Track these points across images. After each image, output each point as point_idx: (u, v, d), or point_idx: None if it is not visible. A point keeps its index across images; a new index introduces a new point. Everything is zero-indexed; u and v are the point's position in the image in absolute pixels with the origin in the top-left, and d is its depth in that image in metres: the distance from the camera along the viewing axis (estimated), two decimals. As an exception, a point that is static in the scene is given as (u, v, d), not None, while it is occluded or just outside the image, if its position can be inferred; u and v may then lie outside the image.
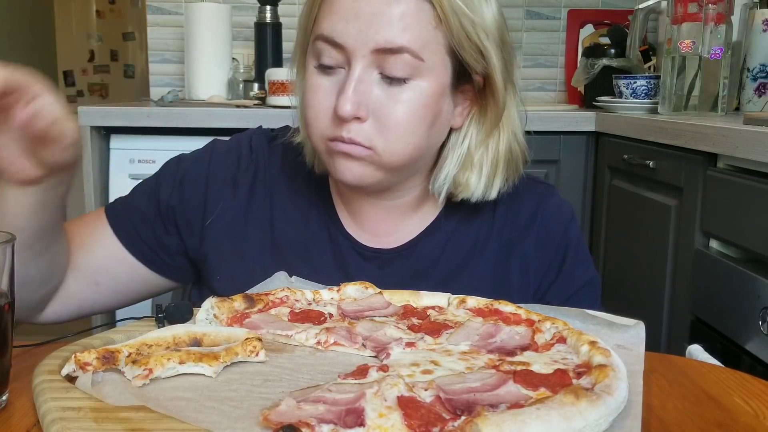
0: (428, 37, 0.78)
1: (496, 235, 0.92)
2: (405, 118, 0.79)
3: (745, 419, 0.57)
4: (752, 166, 1.25)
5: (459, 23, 0.78)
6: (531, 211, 0.93)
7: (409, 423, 0.49)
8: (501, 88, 0.83)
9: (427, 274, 0.90)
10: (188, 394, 0.56)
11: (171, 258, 0.94)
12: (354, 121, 0.78)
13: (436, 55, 0.79)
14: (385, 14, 0.76)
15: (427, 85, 0.79)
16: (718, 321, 1.33)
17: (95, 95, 5.63)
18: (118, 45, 5.61)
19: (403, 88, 0.78)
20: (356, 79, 0.77)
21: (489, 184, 0.88)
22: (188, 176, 0.92)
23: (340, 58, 0.79)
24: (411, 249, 0.91)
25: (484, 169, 0.87)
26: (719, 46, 1.64)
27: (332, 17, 0.78)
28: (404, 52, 0.77)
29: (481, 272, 0.91)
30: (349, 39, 0.77)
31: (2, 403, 0.57)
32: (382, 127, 0.79)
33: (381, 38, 0.76)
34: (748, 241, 1.26)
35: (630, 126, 1.78)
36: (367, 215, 0.91)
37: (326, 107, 0.80)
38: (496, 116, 0.86)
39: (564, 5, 2.56)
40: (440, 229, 0.92)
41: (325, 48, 0.79)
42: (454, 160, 0.87)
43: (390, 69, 0.78)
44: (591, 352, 0.59)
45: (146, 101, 2.35)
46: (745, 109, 1.75)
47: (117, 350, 0.60)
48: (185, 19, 2.33)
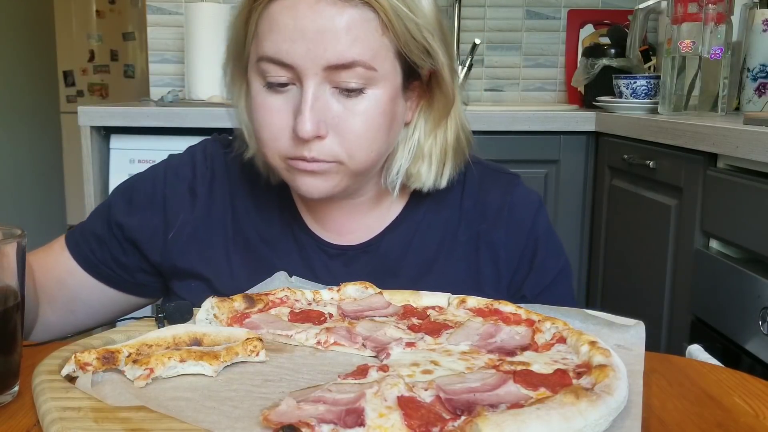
0: (377, 45, 0.77)
1: (464, 227, 0.92)
2: (365, 128, 0.79)
3: (745, 419, 0.57)
4: (752, 166, 1.25)
5: (404, 27, 0.77)
6: (498, 202, 0.93)
7: (409, 423, 0.49)
8: (449, 81, 0.83)
9: (396, 270, 0.90)
10: (188, 394, 0.56)
11: (132, 276, 0.95)
12: (315, 139, 0.77)
13: (387, 61, 0.78)
14: (331, 29, 0.74)
15: (382, 92, 0.79)
16: (718, 321, 1.33)
17: (95, 95, 5.63)
18: (118, 45, 5.61)
19: (359, 99, 0.78)
20: (311, 97, 0.76)
21: (439, 173, 0.88)
22: (142, 196, 0.92)
23: (288, 75, 0.77)
24: (376, 244, 0.91)
25: (434, 159, 0.87)
26: (719, 46, 1.64)
27: (275, 37, 0.76)
28: (356, 66, 0.76)
29: (452, 266, 0.91)
30: (298, 59, 0.75)
31: (13, 394, 0.59)
32: (344, 140, 0.78)
33: (331, 55, 0.75)
34: (748, 241, 1.26)
35: (630, 126, 1.78)
36: (330, 215, 0.91)
37: (282, 127, 0.78)
38: (445, 108, 0.86)
39: (564, 5, 2.56)
40: (404, 223, 0.92)
41: (272, 68, 0.77)
42: (406, 153, 0.87)
43: (344, 83, 0.77)
44: (591, 352, 0.59)
45: (146, 101, 2.35)
46: (745, 109, 1.75)
47: (117, 350, 0.60)
48: (185, 19, 2.33)
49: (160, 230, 0.91)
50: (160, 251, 0.91)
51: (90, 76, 5.64)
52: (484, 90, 2.59)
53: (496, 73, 2.60)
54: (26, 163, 3.96)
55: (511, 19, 2.57)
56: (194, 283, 0.91)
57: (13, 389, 0.59)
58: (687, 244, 1.48)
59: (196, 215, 0.91)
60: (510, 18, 2.57)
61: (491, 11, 2.56)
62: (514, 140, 2.00)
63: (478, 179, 0.94)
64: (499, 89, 2.60)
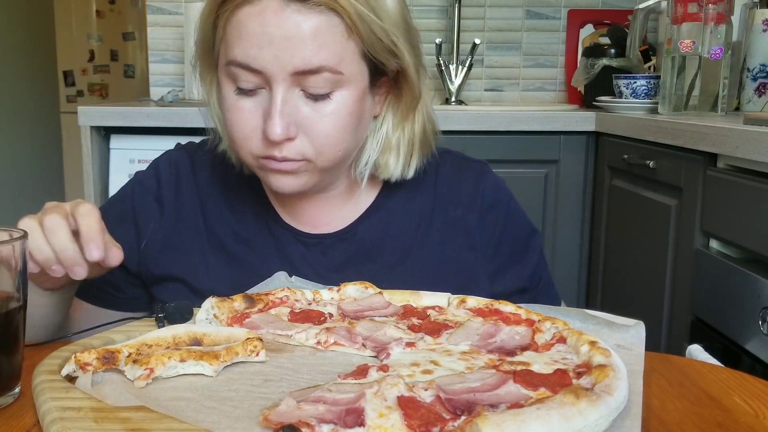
0: (343, 49, 0.78)
1: (439, 212, 0.95)
2: (334, 129, 0.81)
3: (745, 419, 0.57)
4: (752, 166, 1.25)
5: (369, 30, 0.79)
6: (471, 188, 0.96)
7: (409, 423, 0.49)
8: (415, 78, 0.86)
9: (373, 256, 0.92)
10: (188, 394, 0.56)
11: (123, 293, 0.96)
12: (285, 141, 0.79)
13: (353, 64, 0.80)
14: (297, 35, 0.76)
15: (349, 94, 0.81)
16: (718, 321, 1.33)
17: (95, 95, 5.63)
18: (118, 45, 5.61)
19: (327, 102, 0.80)
20: (280, 101, 0.78)
21: (407, 164, 0.91)
22: (115, 214, 0.94)
23: (258, 80, 0.79)
24: (352, 232, 0.93)
25: (402, 150, 0.90)
26: (719, 46, 1.64)
27: (243, 43, 0.78)
28: (323, 71, 0.78)
29: (429, 250, 0.93)
30: (266, 64, 0.77)
31: (15, 395, 0.59)
32: (313, 140, 0.81)
33: (298, 61, 0.76)
34: (748, 241, 1.26)
35: (630, 126, 1.78)
36: (303, 208, 0.94)
37: (253, 128, 0.81)
38: (412, 102, 0.88)
39: (564, 5, 2.56)
40: (380, 210, 0.95)
41: (241, 72, 0.79)
42: (374, 145, 0.90)
43: (311, 87, 0.79)
44: (591, 352, 0.59)
45: (146, 101, 2.35)
46: (745, 109, 1.75)
47: (117, 350, 0.60)
48: (185, 19, 2.33)
49: (134, 242, 0.93)
50: (136, 262, 0.94)
51: (90, 76, 5.63)
52: (484, 90, 2.59)
53: (496, 73, 2.59)
54: (26, 163, 3.97)
55: (511, 19, 2.57)
56: (171, 284, 0.92)
57: (14, 390, 0.59)
58: (687, 244, 1.48)
59: (165, 222, 0.94)
60: (510, 18, 2.57)
61: (491, 11, 2.56)
62: (514, 140, 2.00)
63: (451, 167, 0.97)
64: (499, 89, 2.60)
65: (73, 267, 0.71)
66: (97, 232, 0.71)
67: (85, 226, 0.71)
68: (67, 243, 0.70)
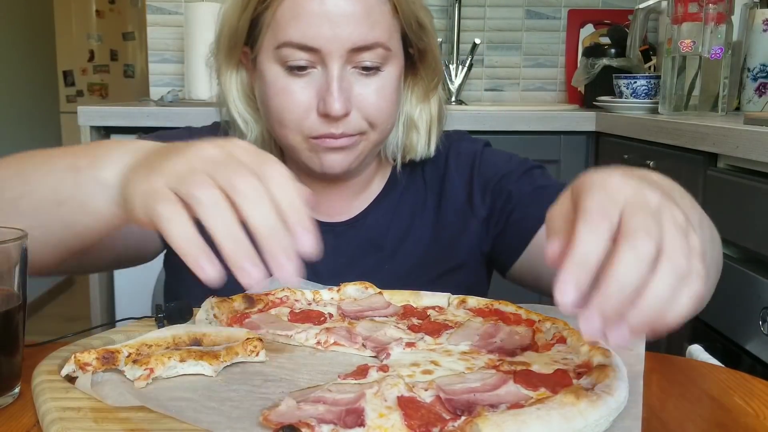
0: (391, 27, 0.84)
1: (429, 193, 0.98)
2: (384, 102, 0.85)
3: (746, 419, 0.57)
4: (753, 166, 1.25)
5: (409, 8, 0.85)
6: (448, 155, 0.99)
7: (409, 423, 0.49)
8: (438, 57, 0.92)
9: (380, 243, 0.95)
10: (188, 395, 0.56)
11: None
12: (342, 116, 0.82)
13: (397, 41, 0.86)
14: (354, 13, 0.80)
15: (394, 69, 0.86)
16: (719, 321, 1.33)
17: (95, 95, 5.63)
18: (117, 45, 5.62)
19: (377, 77, 0.84)
20: (337, 78, 0.81)
21: (428, 142, 0.95)
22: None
23: (311, 59, 0.82)
24: (362, 220, 0.96)
25: (422, 129, 0.95)
26: (719, 45, 1.64)
27: (300, 23, 0.80)
28: (377, 47, 0.83)
29: (422, 232, 0.96)
30: (325, 42, 0.80)
31: (14, 395, 0.59)
32: (367, 114, 0.85)
33: (355, 37, 0.81)
34: (748, 241, 1.26)
35: (630, 126, 1.78)
36: (321, 200, 0.95)
37: (306, 108, 0.83)
38: (432, 81, 0.93)
39: (564, 5, 2.56)
40: (386, 199, 0.98)
41: (295, 52, 0.82)
42: (399, 126, 0.94)
43: (365, 63, 0.83)
44: (591, 352, 0.59)
45: (146, 101, 2.35)
46: (745, 109, 1.75)
47: (117, 350, 0.60)
48: (185, 18, 2.33)
49: None
50: None
51: (90, 76, 5.64)
52: (484, 90, 2.59)
53: (496, 72, 2.59)
54: (26, 162, 3.96)
55: (511, 18, 2.57)
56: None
57: (14, 390, 0.59)
58: (687, 244, 1.48)
59: None
60: (510, 18, 2.57)
61: (491, 11, 2.56)
62: (514, 140, 2.00)
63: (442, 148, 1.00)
64: (500, 89, 2.60)
65: (278, 259, 0.49)
66: (304, 213, 0.51)
67: (287, 203, 0.51)
68: (275, 225, 0.49)
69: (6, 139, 3.76)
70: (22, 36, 3.97)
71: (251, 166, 0.51)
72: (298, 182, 0.52)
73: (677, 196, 0.53)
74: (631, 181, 0.47)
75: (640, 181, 0.48)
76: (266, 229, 0.49)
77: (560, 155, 2.04)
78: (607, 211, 0.44)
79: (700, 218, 0.61)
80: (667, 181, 0.57)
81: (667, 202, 0.47)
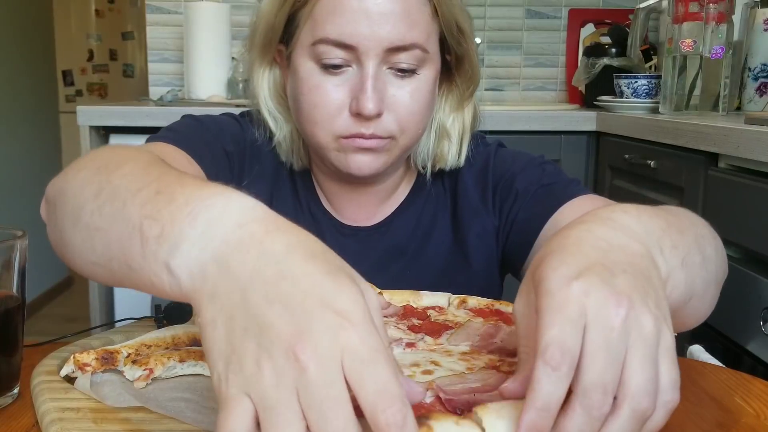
0: (429, 29, 0.82)
1: (448, 197, 0.97)
2: (417, 106, 0.84)
3: (746, 420, 0.57)
4: (753, 166, 1.25)
5: (449, 12, 0.84)
6: (464, 159, 0.96)
7: None
8: (476, 63, 0.90)
9: (404, 249, 0.94)
10: (187, 395, 0.56)
11: None
12: (374, 117, 0.81)
13: (435, 44, 0.84)
14: (393, 12, 0.79)
15: (430, 73, 0.84)
16: (719, 321, 1.33)
17: (94, 95, 5.63)
18: (117, 44, 5.61)
19: (412, 79, 0.83)
20: (372, 77, 0.80)
21: (459, 152, 0.93)
22: (231, 130, 0.93)
23: (347, 57, 0.81)
24: (387, 225, 0.95)
25: (454, 138, 0.93)
26: (720, 45, 1.64)
27: (338, 19, 0.79)
28: (414, 48, 0.81)
29: (442, 237, 0.95)
30: (362, 40, 0.79)
31: (14, 395, 0.59)
32: (399, 117, 0.83)
33: (393, 36, 0.79)
34: (749, 241, 1.26)
35: (631, 126, 1.78)
36: (348, 204, 0.95)
37: (339, 106, 0.82)
38: (468, 89, 0.91)
39: (565, 4, 2.56)
40: (412, 205, 0.97)
41: (331, 49, 0.80)
42: (431, 134, 0.92)
43: (401, 64, 0.81)
44: None
45: (145, 101, 2.35)
46: (746, 109, 1.75)
47: (116, 351, 0.59)
48: (185, 18, 2.33)
49: (239, 170, 0.92)
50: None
51: (89, 76, 5.64)
52: (484, 90, 2.59)
53: (497, 72, 2.59)
54: (25, 162, 3.97)
55: (511, 18, 2.57)
56: None
57: (13, 391, 0.59)
58: (687, 244, 1.47)
59: (254, 176, 0.93)
60: (510, 17, 2.56)
61: (492, 10, 2.56)
62: (514, 140, 1.98)
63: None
64: (500, 89, 2.60)
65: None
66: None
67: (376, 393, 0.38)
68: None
69: (4, 138, 3.76)
70: (21, 35, 3.97)
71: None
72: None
73: (658, 233, 0.51)
74: (594, 285, 0.43)
75: (604, 282, 0.43)
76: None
77: (561, 155, 2.04)
78: (566, 347, 0.41)
79: (694, 238, 0.59)
80: (645, 218, 0.52)
81: (636, 310, 0.43)
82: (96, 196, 0.54)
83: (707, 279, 0.59)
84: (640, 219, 0.52)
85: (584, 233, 0.48)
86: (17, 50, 3.93)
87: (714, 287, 0.62)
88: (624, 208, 0.53)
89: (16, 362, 0.59)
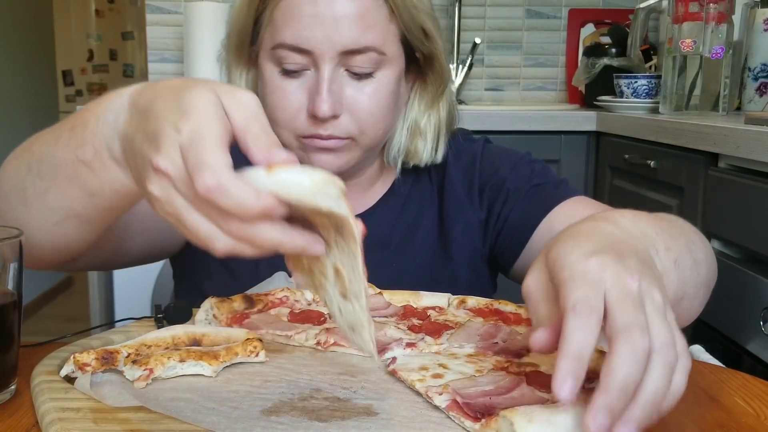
0: (386, 31, 0.83)
1: (434, 192, 0.98)
2: (376, 108, 0.85)
3: (746, 420, 0.57)
4: (753, 166, 1.25)
5: (409, 13, 0.84)
6: (445, 155, 0.97)
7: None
8: (444, 62, 0.90)
9: (387, 242, 0.95)
10: (187, 395, 0.56)
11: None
12: (331, 118, 0.83)
13: (393, 45, 0.85)
14: (347, 16, 0.80)
15: (390, 74, 0.85)
16: (719, 321, 1.33)
17: (94, 95, 5.62)
18: (117, 44, 5.61)
19: (370, 81, 0.84)
20: (327, 80, 0.81)
21: (434, 148, 0.94)
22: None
23: (304, 61, 0.83)
24: (369, 216, 0.95)
25: (429, 135, 0.94)
26: (720, 45, 1.64)
27: (294, 24, 0.81)
28: (369, 51, 0.82)
29: (428, 231, 0.96)
30: (317, 44, 0.81)
31: (11, 392, 0.59)
32: (357, 119, 0.84)
33: (347, 40, 0.81)
34: (749, 241, 1.26)
35: (631, 125, 1.78)
36: None
37: (298, 108, 0.84)
38: (440, 87, 0.92)
39: (565, 4, 2.56)
40: (395, 196, 0.97)
41: (289, 54, 0.82)
42: (404, 131, 0.93)
43: (357, 67, 0.83)
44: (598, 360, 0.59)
45: (146, 101, 2.35)
46: (746, 109, 1.75)
47: (116, 351, 0.59)
48: (185, 18, 2.33)
49: None
50: None
51: (89, 76, 5.64)
52: (484, 90, 2.59)
53: (497, 72, 2.59)
54: (26, 162, 3.96)
55: (511, 18, 2.56)
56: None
57: (10, 387, 0.59)
58: (687, 244, 1.47)
59: None
60: (510, 17, 2.56)
61: (491, 10, 2.56)
62: (514, 140, 2.00)
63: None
64: (500, 89, 2.60)
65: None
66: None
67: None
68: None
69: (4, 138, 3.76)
70: (22, 35, 3.97)
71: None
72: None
73: (652, 235, 0.57)
74: (609, 261, 0.48)
75: (617, 260, 0.48)
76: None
77: (561, 155, 2.04)
78: (593, 304, 0.45)
79: (686, 243, 0.63)
80: (641, 222, 0.59)
81: (646, 283, 0.48)
82: (29, 169, 0.65)
83: (698, 281, 0.65)
84: (637, 222, 0.58)
85: (592, 228, 0.54)
86: (17, 50, 3.93)
87: (704, 290, 0.67)
88: (621, 212, 0.59)
89: (12, 358, 0.59)
